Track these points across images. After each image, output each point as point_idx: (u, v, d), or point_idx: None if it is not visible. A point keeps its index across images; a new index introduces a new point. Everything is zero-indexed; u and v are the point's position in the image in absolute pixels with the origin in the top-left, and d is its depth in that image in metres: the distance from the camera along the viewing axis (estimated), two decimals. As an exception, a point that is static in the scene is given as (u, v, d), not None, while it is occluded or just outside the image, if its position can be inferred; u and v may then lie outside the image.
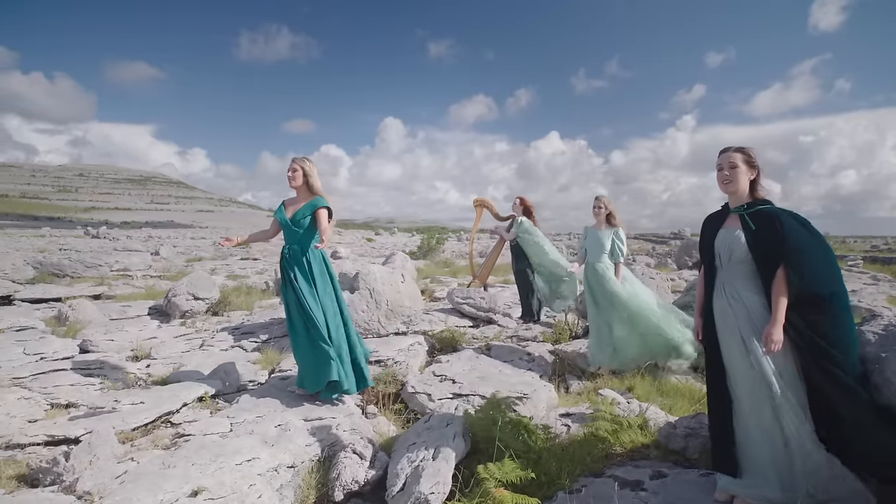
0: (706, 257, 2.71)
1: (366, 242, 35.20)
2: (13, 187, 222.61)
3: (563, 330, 6.21)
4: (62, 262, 11.30)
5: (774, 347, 2.27)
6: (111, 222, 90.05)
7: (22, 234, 35.81)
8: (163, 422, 3.41)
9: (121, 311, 7.61)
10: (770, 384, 2.30)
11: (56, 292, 8.95)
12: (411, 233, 62.36)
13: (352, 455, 2.97)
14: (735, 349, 2.46)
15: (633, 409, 3.57)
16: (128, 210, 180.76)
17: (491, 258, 8.17)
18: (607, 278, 4.96)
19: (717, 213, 2.73)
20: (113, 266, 12.57)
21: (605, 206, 5.13)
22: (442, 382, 4.25)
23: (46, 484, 2.60)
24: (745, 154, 2.47)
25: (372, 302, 5.47)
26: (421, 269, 14.43)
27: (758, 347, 2.35)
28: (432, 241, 22.29)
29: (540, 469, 2.92)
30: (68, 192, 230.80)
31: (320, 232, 3.72)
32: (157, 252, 20.68)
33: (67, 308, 6.93)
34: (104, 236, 35.01)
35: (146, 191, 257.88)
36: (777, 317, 2.28)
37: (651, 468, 2.98)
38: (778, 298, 2.30)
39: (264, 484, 2.65)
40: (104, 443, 2.79)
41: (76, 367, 4.53)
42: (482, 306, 7.12)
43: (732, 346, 2.47)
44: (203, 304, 7.73)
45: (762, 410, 2.35)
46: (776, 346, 2.26)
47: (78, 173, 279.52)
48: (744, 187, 2.50)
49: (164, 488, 2.32)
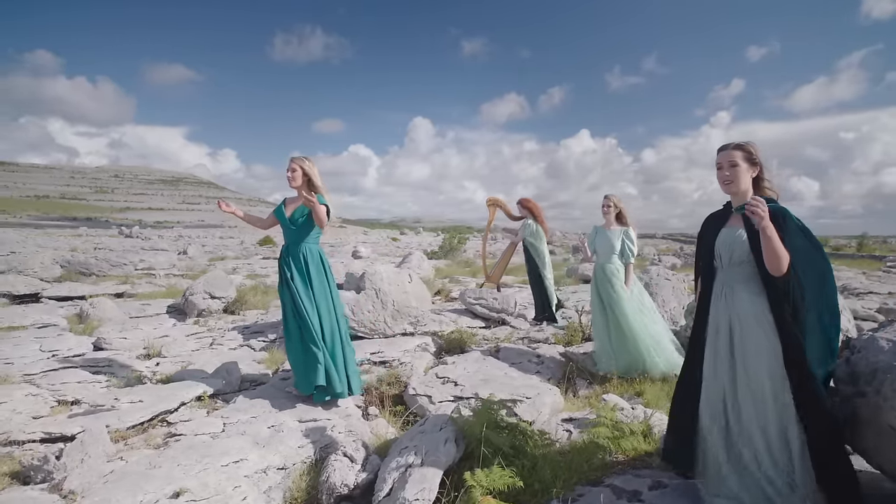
0: (706, 258, 2.58)
1: (390, 242, 35.39)
2: (54, 188, 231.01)
3: (576, 332, 6.07)
4: (89, 260, 11.61)
5: (757, 208, 2.06)
6: (144, 222, 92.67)
7: (60, 234, 37.08)
8: (160, 421, 3.42)
9: (140, 310, 7.77)
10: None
11: (81, 290, 9.18)
12: (437, 232, 62.42)
13: (342, 458, 2.93)
14: (720, 354, 2.39)
15: (637, 416, 3.44)
16: (160, 210, 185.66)
17: (504, 258, 8.07)
18: (615, 281, 4.84)
19: (718, 213, 2.61)
20: (138, 265, 12.87)
21: (614, 205, 4.99)
22: (444, 385, 4.18)
23: (37, 482, 2.62)
24: (745, 151, 2.33)
25: (378, 302, 5.44)
26: (441, 269, 14.39)
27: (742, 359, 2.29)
28: (454, 240, 22.24)
29: (535, 476, 2.82)
30: (105, 192, 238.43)
31: (317, 220, 3.66)
32: (185, 251, 21.14)
33: (88, 306, 7.10)
34: (137, 236, 36.02)
35: (178, 191, 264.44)
36: (773, 232, 2.11)
37: (651, 478, 2.86)
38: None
39: (250, 486, 2.62)
40: (96, 441, 2.80)
41: (86, 365, 4.61)
42: (494, 307, 7.02)
43: (718, 350, 2.40)
44: (219, 303, 7.83)
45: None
46: (758, 210, 2.06)
47: (114, 175, 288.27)
48: (746, 186, 2.36)
49: (144, 489, 2.31)
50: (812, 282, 2.20)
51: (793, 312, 2.21)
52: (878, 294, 9.59)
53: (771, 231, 2.10)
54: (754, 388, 2.24)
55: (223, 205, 3.83)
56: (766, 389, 2.20)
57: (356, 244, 24.68)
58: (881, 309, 7.53)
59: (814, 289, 2.20)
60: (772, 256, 2.13)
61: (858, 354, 2.34)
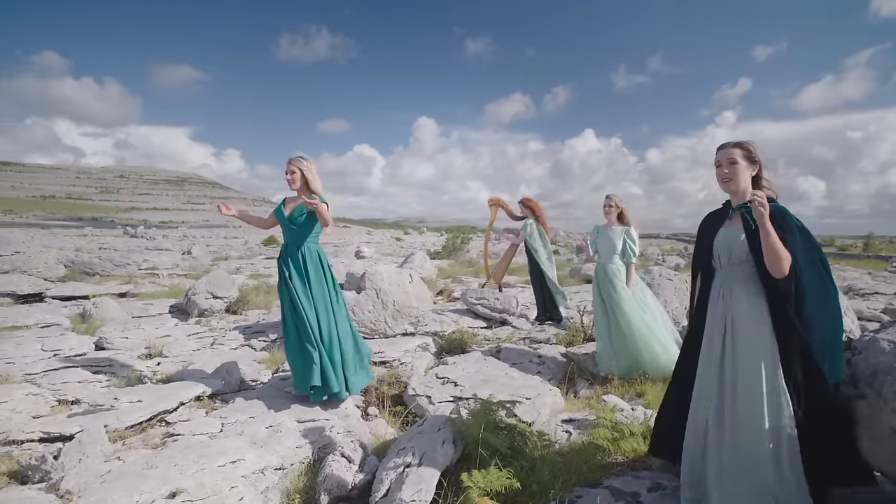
0: (704, 258, 2.56)
1: (394, 242, 35.41)
2: (60, 188, 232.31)
3: (577, 332, 6.05)
4: (92, 260, 11.65)
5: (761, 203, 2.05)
6: (149, 222, 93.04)
7: (66, 234, 37.28)
8: (158, 421, 3.42)
9: (143, 309, 7.78)
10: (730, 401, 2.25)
11: (85, 290, 9.21)
12: (440, 232, 62.38)
13: (340, 458, 2.92)
14: (713, 356, 2.36)
15: (637, 417, 3.42)
16: (165, 210, 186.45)
17: (506, 258, 8.05)
18: (616, 281, 4.82)
19: (717, 212, 2.58)
20: (141, 265, 12.91)
21: (615, 205, 4.97)
22: (443, 385, 4.17)
23: (35, 481, 2.63)
24: (744, 149, 2.31)
25: (378, 302, 5.43)
26: (444, 269, 14.37)
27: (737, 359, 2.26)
28: (457, 240, 22.22)
29: (533, 478, 2.81)
30: (110, 192, 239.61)
31: (322, 221, 3.68)
32: (189, 251, 21.18)
33: (91, 306, 7.11)
34: (141, 236, 36.15)
35: (183, 191, 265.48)
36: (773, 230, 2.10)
37: (651, 479, 2.84)
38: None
39: (247, 486, 2.62)
40: (94, 441, 2.81)
41: (86, 364, 4.62)
42: (496, 307, 7.00)
43: (713, 352, 2.37)
44: (222, 303, 7.84)
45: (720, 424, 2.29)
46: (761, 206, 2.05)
47: (119, 175, 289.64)
48: (745, 185, 2.34)
49: (140, 489, 2.31)
50: (812, 282, 2.17)
51: (795, 314, 2.18)
52: (883, 294, 9.52)
53: (771, 228, 2.08)
54: (746, 389, 2.21)
55: (223, 208, 3.84)
56: (756, 390, 2.18)
57: (360, 244, 24.69)
58: (886, 309, 7.48)
59: (814, 290, 2.17)
60: (772, 256, 2.10)
61: (859, 356, 2.31)
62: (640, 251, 5.02)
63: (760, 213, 2.05)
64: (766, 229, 2.07)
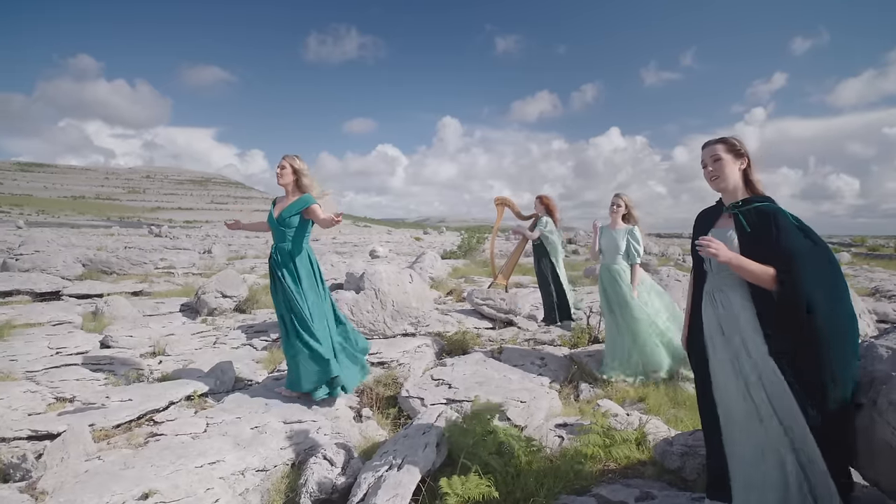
0: (696, 260, 2.44)
1: (413, 241, 35.36)
2: (89, 189, 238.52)
3: (583, 333, 5.92)
4: (110, 259, 11.84)
5: (708, 248, 2.01)
6: (174, 221, 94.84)
7: (94, 234, 38.18)
8: (147, 420, 3.42)
9: (154, 308, 7.87)
10: (759, 406, 2.04)
11: (100, 288, 9.35)
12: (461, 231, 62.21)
13: (322, 461, 2.87)
14: (724, 366, 2.19)
15: (631, 423, 3.31)
16: (190, 210, 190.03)
17: (513, 258, 7.94)
18: (621, 282, 4.69)
19: (709, 210, 2.44)
20: (158, 263, 13.10)
21: (623, 205, 4.82)
22: (437, 387, 4.11)
23: (16, 480, 2.63)
24: (727, 143, 2.20)
25: (377, 302, 5.38)
26: (458, 269, 14.26)
27: (748, 365, 2.09)
28: (473, 240, 22.12)
29: (517, 484, 2.73)
30: (137, 193, 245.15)
31: (320, 223, 3.68)
32: (210, 250, 21.45)
33: (103, 304, 7.21)
34: (165, 235, 36.79)
35: (207, 191, 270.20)
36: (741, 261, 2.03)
37: (640, 488, 2.74)
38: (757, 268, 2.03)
39: (225, 488, 2.59)
40: (77, 440, 2.81)
41: (87, 362, 4.66)
42: (502, 307, 6.91)
43: (722, 362, 2.21)
44: (231, 302, 7.89)
45: (754, 430, 2.08)
46: (709, 248, 2.01)
47: (145, 175, 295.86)
48: (734, 181, 2.22)
49: (112, 490, 2.29)
50: (820, 284, 2.01)
51: (794, 316, 2.04)
52: (912, 296, 9.15)
53: (738, 261, 2.04)
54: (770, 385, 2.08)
55: (228, 224, 4.23)
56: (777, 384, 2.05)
57: (377, 243, 24.73)
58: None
59: (823, 292, 2.01)
60: (753, 281, 2.07)
61: (857, 363, 2.18)
62: (662, 251, 4.88)
63: (711, 254, 2.02)
64: (734, 266, 2.05)
